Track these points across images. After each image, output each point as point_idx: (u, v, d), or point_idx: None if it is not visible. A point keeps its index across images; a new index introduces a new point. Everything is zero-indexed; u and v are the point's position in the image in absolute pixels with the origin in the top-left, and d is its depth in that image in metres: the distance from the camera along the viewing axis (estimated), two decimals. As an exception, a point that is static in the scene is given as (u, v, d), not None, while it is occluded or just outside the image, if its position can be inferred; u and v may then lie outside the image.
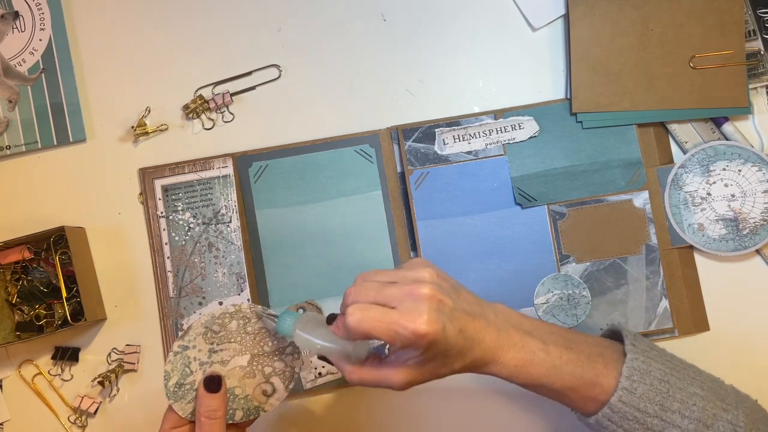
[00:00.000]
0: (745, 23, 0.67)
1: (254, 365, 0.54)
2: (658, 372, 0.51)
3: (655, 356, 0.52)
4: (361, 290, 0.46)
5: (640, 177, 0.67)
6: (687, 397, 0.50)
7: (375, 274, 0.48)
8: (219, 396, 0.52)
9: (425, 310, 0.44)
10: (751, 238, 0.65)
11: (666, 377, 0.51)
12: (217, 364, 0.54)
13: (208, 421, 0.51)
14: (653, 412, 0.49)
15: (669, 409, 0.49)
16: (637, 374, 0.50)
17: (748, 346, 0.66)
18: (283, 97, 0.70)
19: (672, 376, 0.51)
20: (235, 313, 0.54)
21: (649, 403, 0.49)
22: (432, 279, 0.46)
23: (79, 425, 0.67)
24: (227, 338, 0.54)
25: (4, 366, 0.68)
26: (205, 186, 0.68)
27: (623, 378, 0.49)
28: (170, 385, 0.53)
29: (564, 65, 0.69)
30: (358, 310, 0.45)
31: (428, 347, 0.45)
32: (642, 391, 0.49)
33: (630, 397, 0.49)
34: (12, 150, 0.70)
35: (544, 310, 0.66)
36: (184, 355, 0.53)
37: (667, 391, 0.50)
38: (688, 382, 0.51)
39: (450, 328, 0.45)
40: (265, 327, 0.54)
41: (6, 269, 0.68)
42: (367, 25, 0.70)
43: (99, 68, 0.71)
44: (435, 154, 0.68)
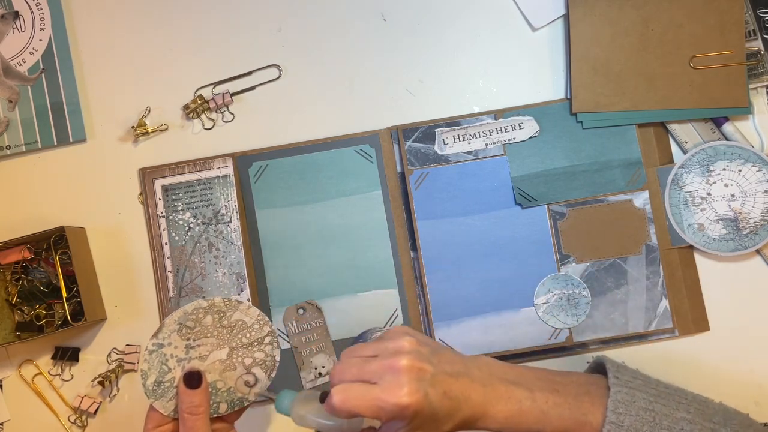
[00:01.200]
0: (745, 23, 0.67)
1: (234, 358, 0.54)
2: (642, 401, 0.51)
3: (638, 386, 0.52)
4: (344, 368, 0.47)
5: (640, 177, 0.67)
6: (674, 423, 0.50)
7: (358, 348, 0.49)
8: (200, 391, 0.52)
9: (405, 381, 0.45)
10: (751, 238, 0.65)
11: (651, 406, 0.51)
12: (195, 359, 0.54)
13: (191, 417, 0.51)
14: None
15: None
16: (622, 406, 0.50)
17: (748, 346, 0.66)
18: (283, 97, 0.70)
19: (657, 404, 0.51)
20: (209, 308, 0.54)
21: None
22: (411, 348, 0.47)
23: (79, 425, 0.67)
24: (203, 333, 0.54)
25: (4, 366, 0.68)
26: (205, 186, 0.68)
27: (609, 412, 0.50)
28: (149, 384, 0.53)
29: (564, 65, 0.69)
30: (341, 391, 0.46)
31: (413, 417, 0.46)
32: (629, 422, 0.50)
33: (618, 430, 0.49)
34: (12, 150, 0.70)
35: (544, 310, 0.66)
36: (159, 353, 0.53)
37: (653, 420, 0.50)
38: (674, 407, 0.51)
39: (433, 393, 0.46)
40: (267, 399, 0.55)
41: (6, 269, 0.68)
42: (367, 25, 0.70)
43: (99, 68, 0.71)
44: (435, 154, 0.68)
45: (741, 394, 0.66)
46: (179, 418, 0.52)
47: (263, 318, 0.55)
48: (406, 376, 0.45)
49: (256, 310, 0.55)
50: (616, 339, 0.66)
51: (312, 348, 0.67)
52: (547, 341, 0.66)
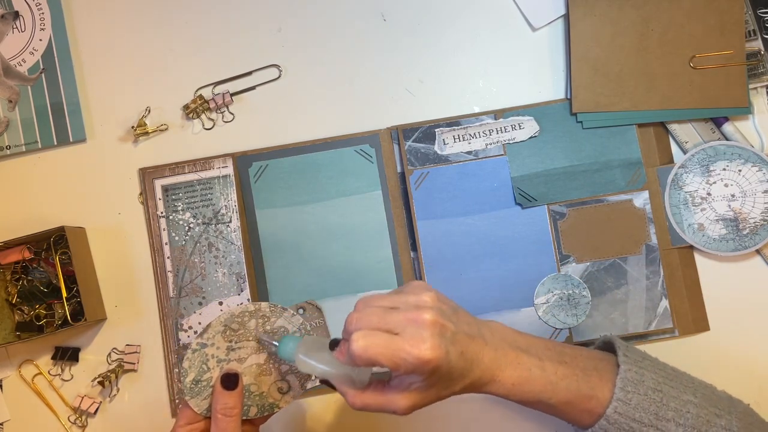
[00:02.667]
0: (745, 23, 0.67)
1: (271, 363, 0.54)
2: (651, 381, 0.51)
3: (647, 366, 0.52)
4: (364, 316, 0.46)
5: (640, 177, 0.67)
6: (681, 405, 0.50)
7: (376, 299, 0.48)
8: (236, 393, 0.52)
9: (428, 336, 0.45)
10: (751, 238, 0.65)
11: (659, 386, 0.51)
12: (234, 361, 0.54)
13: (224, 419, 0.51)
14: (648, 421, 0.50)
15: (663, 417, 0.50)
16: (631, 385, 0.50)
17: (748, 346, 0.66)
18: (283, 97, 0.70)
19: (665, 385, 0.51)
20: (255, 312, 0.55)
21: (644, 413, 0.50)
22: (434, 304, 0.47)
23: (79, 425, 0.67)
24: (246, 336, 0.54)
25: (4, 366, 0.68)
26: (205, 186, 0.68)
27: (617, 389, 0.50)
28: (187, 382, 0.53)
29: (564, 65, 0.69)
30: (362, 337, 0.45)
31: (432, 372, 0.45)
32: (636, 401, 0.50)
33: (625, 408, 0.50)
34: (12, 150, 0.70)
35: (544, 310, 0.66)
36: (202, 352, 0.54)
37: (660, 400, 0.50)
38: (681, 390, 0.52)
39: (452, 351, 0.46)
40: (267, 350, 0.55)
41: (6, 269, 0.68)
42: (367, 25, 0.70)
43: (99, 68, 0.71)
44: (435, 154, 0.68)
45: (741, 395, 0.65)
46: (212, 418, 0.52)
47: (305, 327, 0.55)
48: (429, 330, 0.45)
49: (299, 318, 0.55)
50: (616, 339, 0.66)
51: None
52: (547, 341, 0.66)
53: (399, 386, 0.48)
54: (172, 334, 0.67)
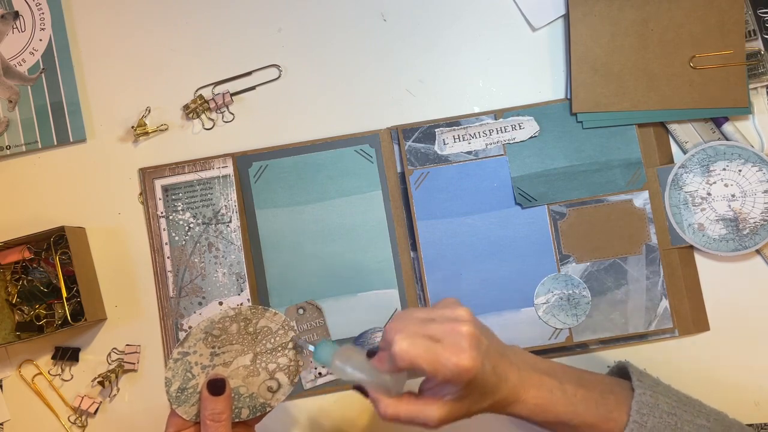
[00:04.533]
0: (745, 23, 0.67)
1: (258, 363, 0.54)
2: (665, 406, 0.52)
3: (662, 391, 0.53)
4: (404, 325, 0.47)
5: (640, 177, 0.67)
6: (695, 429, 0.51)
7: (413, 311, 0.49)
8: (223, 398, 0.52)
9: (467, 346, 0.45)
10: (751, 238, 0.65)
11: (673, 410, 0.52)
12: (219, 366, 0.54)
13: (213, 424, 0.51)
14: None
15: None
16: (646, 408, 0.51)
17: (748, 346, 0.66)
18: (283, 97, 0.70)
19: (679, 410, 0.52)
20: (236, 317, 0.54)
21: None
22: (469, 317, 0.48)
23: (79, 425, 0.67)
24: (228, 341, 0.54)
25: (4, 366, 0.68)
26: (205, 186, 0.68)
27: (633, 412, 0.51)
28: (172, 391, 0.53)
29: (564, 65, 0.69)
30: (405, 340, 0.45)
31: (469, 383, 0.46)
32: (652, 424, 0.51)
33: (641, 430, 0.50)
34: (12, 150, 0.70)
35: (544, 310, 0.66)
36: (184, 360, 0.53)
37: (675, 424, 0.51)
38: (695, 414, 0.52)
39: (487, 364, 0.47)
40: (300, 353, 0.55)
41: (6, 269, 0.68)
42: (367, 25, 0.70)
43: (99, 68, 0.71)
44: (435, 154, 0.68)
45: (741, 394, 0.66)
46: (201, 424, 0.52)
47: (287, 324, 0.55)
48: (467, 341, 0.46)
49: (282, 316, 0.55)
50: (616, 339, 0.66)
51: (312, 348, 0.67)
52: (547, 341, 0.66)
53: (433, 396, 0.48)
54: (172, 334, 0.67)
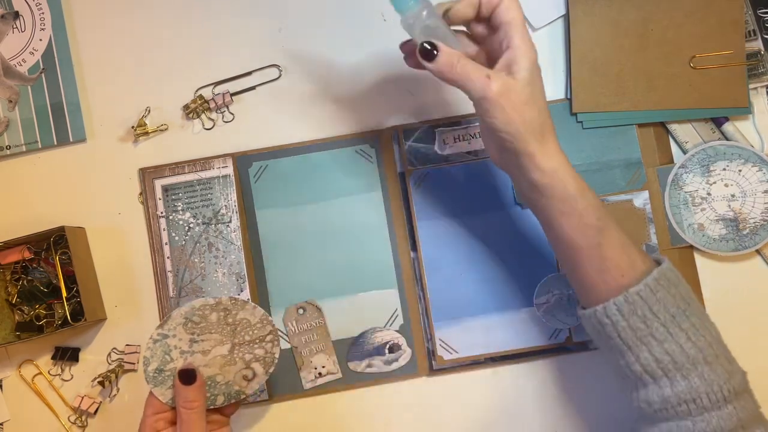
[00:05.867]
0: (745, 23, 0.67)
1: (235, 354, 0.55)
2: (684, 291, 0.50)
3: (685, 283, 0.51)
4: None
5: (640, 177, 0.67)
6: (700, 326, 0.49)
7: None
8: (194, 387, 0.53)
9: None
10: (751, 238, 0.65)
11: (689, 300, 0.50)
12: (198, 353, 0.54)
13: (185, 411, 0.52)
14: (663, 319, 0.49)
15: (679, 325, 0.49)
16: (665, 281, 0.49)
17: (748, 346, 0.66)
18: (283, 97, 0.70)
19: (694, 305, 0.50)
20: (216, 305, 0.55)
21: (663, 310, 0.49)
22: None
23: (79, 425, 0.67)
24: (208, 329, 0.55)
25: (4, 366, 0.68)
26: (205, 186, 0.68)
27: (651, 277, 0.49)
28: (150, 370, 0.54)
29: (564, 65, 0.69)
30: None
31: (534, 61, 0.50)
32: (662, 296, 0.49)
33: (648, 295, 0.49)
34: (12, 150, 0.70)
35: (545, 309, 0.66)
36: (163, 343, 0.54)
37: (684, 310, 0.49)
38: (707, 321, 0.51)
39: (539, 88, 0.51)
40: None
41: (6, 269, 0.68)
42: (368, 24, 0.70)
43: (99, 68, 0.71)
44: (435, 154, 0.68)
45: (741, 394, 0.66)
46: (176, 410, 0.53)
47: (266, 317, 0.56)
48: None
49: (261, 310, 0.56)
50: (616, 339, 0.66)
51: (312, 348, 0.67)
52: (547, 341, 0.66)
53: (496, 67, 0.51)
54: (172, 334, 0.67)
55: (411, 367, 0.67)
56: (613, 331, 0.50)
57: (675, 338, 0.49)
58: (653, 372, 0.49)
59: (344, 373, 0.67)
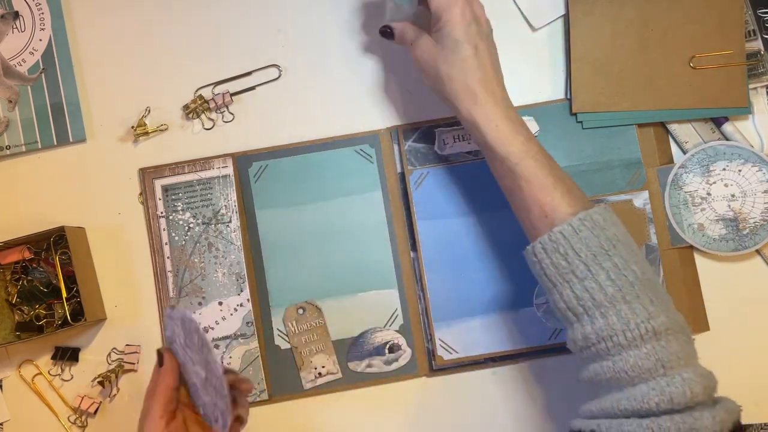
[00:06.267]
0: (745, 23, 0.67)
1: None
2: (611, 234, 0.50)
3: (618, 225, 0.52)
4: None
5: (640, 177, 0.67)
6: (623, 266, 0.49)
7: None
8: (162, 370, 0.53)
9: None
10: (751, 238, 0.65)
11: (616, 243, 0.50)
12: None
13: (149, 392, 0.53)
14: (584, 257, 0.49)
15: (599, 264, 0.49)
16: (589, 222, 0.50)
17: (748, 346, 0.66)
18: (283, 97, 0.70)
19: (622, 247, 0.50)
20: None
21: (585, 248, 0.49)
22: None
23: (79, 425, 0.67)
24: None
25: (4, 366, 0.68)
26: (204, 186, 0.68)
27: (576, 218, 0.50)
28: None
29: (564, 65, 0.69)
30: None
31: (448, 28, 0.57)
32: (585, 235, 0.50)
33: (571, 234, 0.50)
34: (12, 150, 0.70)
35: (544, 310, 0.66)
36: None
37: (608, 251, 0.49)
38: (633, 261, 0.50)
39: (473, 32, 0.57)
40: None
41: (6, 269, 0.68)
42: (368, 24, 0.70)
43: (99, 68, 0.71)
44: (435, 154, 0.68)
45: (741, 394, 0.65)
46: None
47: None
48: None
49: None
50: (616, 339, 0.66)
51: (312, 348, 0.67)
52: (547, 341, 0.66)
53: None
54: (172, 334, 0.67)
55: (411, 367, 0.67)
56: (540, 270, 0.52)
57: (595, 276, 0.49)
58: (575, 309, 0.50)
59: (344, 373, 0.67)
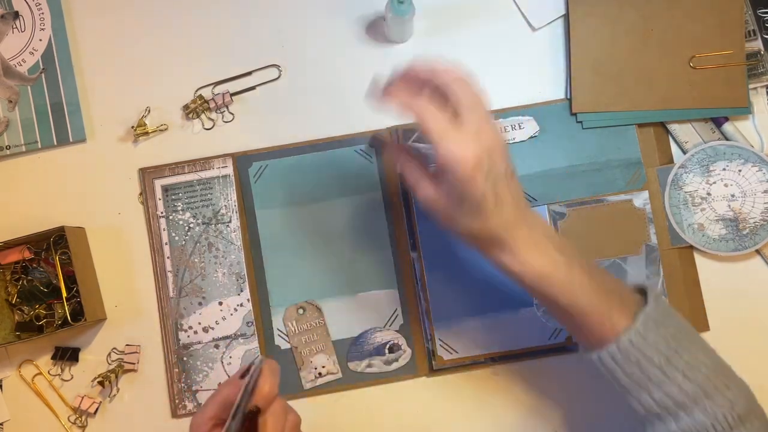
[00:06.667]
0: (745, 23, 0.67)
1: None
2: (672, 329, 0.51)
3: (673, 315, 0.52)
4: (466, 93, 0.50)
5: (640, 177, 0.67)
6: (694, 361, 0.50)
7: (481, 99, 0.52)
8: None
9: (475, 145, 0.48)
10: (751, 238, 0.65)
11: (679, 336, 0.51)
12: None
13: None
14: (658, 362, 0.49)
15: (674, 365, 0.49)
16: (652, 323, 0.50)
17: (748, 346, 0.66)
18: (283, 97, 0.70)
19: (685, 339, 0.51)
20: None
21: (656, 354, 0.49)
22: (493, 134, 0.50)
23: (79, 425, 0.67)
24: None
25: (4, 366, 0.68)
26: (204, 186, 0.68)
27: (639, 322, 0.49)
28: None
29: (564, 65, 0.69)
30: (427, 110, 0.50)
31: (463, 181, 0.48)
32: (653, 339, 0.49)
33: (639, 341, 0.49)
34: (12, 150, 0.70)
35: (545, 310, 0.66)
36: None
37: (676, 349, 0.50)
38: (699, 349, 0.51)
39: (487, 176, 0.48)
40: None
41: (6, 269, 0.68)
42: (368, 24, 0.70)
43: (99, 68, 0.71)
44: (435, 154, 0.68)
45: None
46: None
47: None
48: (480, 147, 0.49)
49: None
50: (616, 339, 0.66)
51: (312, 348, 0.67)
52: (546, 341, 0.66)
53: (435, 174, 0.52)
54: (172, 334, 0.67)
55: (411, 367, 0.67)
56: (611, 378, 0.51)
57: (672, 380, 0.49)
58: (656, 413, 0.50)
59: (344, 373, 0.67)
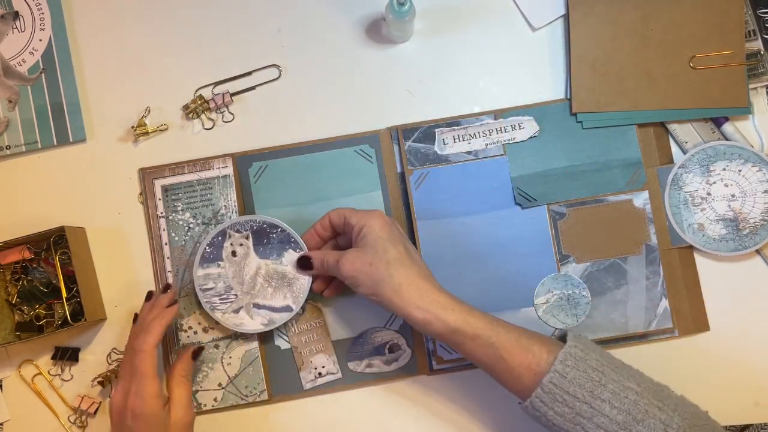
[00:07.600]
0: (745, 23, 0.67)
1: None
2: (594, 362, 0.52)
3: (594, 349, 0.54)
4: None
5: (640, 177, 0.67)
6: (620, 390, 0.51)
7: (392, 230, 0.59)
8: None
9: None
10: (751, 238, 0.65)
11: (601, 368, 0.52)
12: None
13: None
14: (582, 397, 0.50)
15: (599, 397, 0.51)
16: (572, 360, 0.51)
17: (748, 346, 0.66)
18: (283, 97, 0.70)
19: (608, 368, 0.52)
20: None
21: (579, 389, 0.51)
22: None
23: (79, 425, 0.67)
24: None
25: (4, 366, 0.68)
26: (204, 186, 0.68)
27: (558, 361, 0.51)
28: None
29: (564, 65, 0.69)
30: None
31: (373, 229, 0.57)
32: (573, 376, 0.51)
33: (561, 381, 0.51)
34: (12, 150, 0.70)
35: (544, 310, 0.66)
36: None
37: (599, 380, 0.51)
38: (625, 377, 0.52)
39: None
40: None
41: (6, 269, 0.68)
42: (367, 24, 0.70)
43: (99, 68, 0.71)
44: (435, 154, 0.68)
45: (741, 394, 0.66)
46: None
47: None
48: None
49: None
50: (615, 339, 0.66)
51: (312, 348, 0.67)
52: (547, 341, 0.66)
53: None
54: (172, 334, 0.67)
55: (411, 367, 0.67)
56: (546, 421, 0.52)
57: (600, 411, 0.50)
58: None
59: (344, 373, 0.67)
